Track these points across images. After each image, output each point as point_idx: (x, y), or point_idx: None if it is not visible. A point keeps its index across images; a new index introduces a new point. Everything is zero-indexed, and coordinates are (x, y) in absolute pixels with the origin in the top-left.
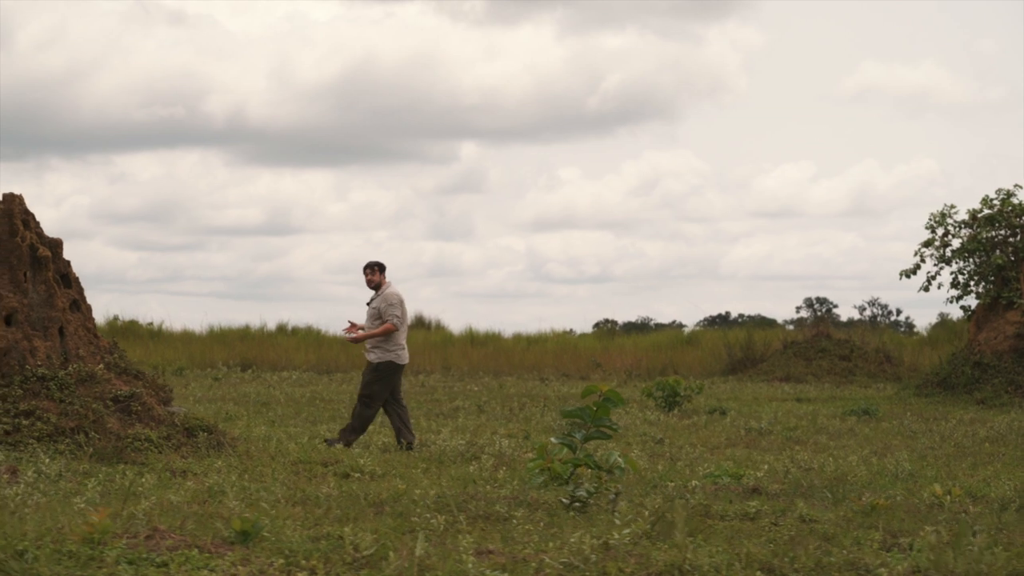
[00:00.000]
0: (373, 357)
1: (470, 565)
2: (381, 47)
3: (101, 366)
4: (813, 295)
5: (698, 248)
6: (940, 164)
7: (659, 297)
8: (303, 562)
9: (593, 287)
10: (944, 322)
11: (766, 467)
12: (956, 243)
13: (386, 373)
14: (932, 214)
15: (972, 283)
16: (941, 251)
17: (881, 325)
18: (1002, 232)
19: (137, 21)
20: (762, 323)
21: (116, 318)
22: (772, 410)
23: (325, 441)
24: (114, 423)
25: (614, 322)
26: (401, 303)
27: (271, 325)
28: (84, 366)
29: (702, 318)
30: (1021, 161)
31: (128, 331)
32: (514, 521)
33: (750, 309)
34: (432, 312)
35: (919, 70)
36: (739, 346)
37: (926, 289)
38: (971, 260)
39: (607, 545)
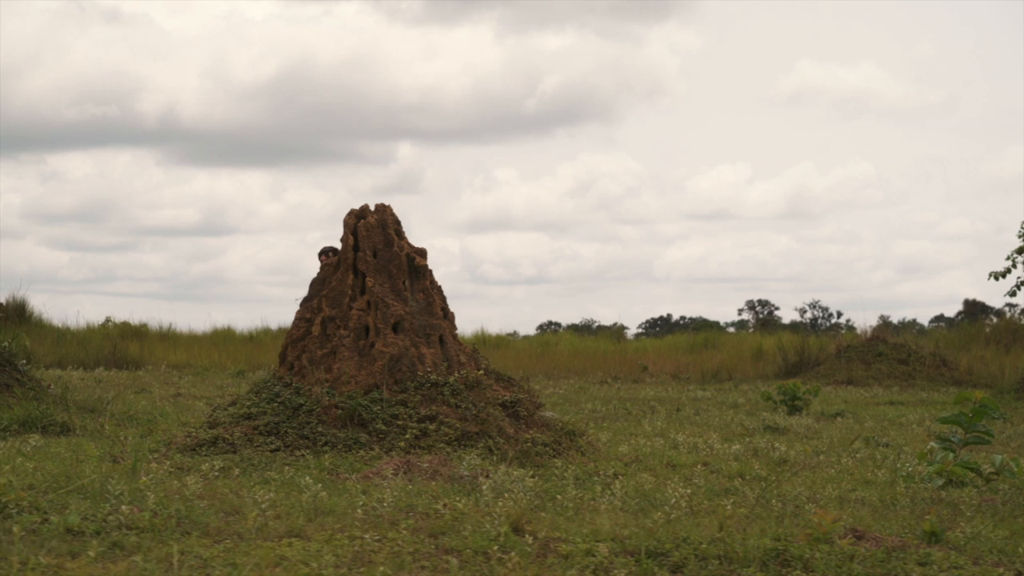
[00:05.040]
0: None
1: None
2: (318, 46)
3: (481, 372)
4: (749, 297)
5: (633, 250)
6: (876, 167)
7: (596, 299)
8: None
9: (529, 288)
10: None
11: None
12: None
13: None
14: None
15: None
16: None
17: (822, 327)
18: None
19: (72, 19)
20: (705, 325)
21: (108, 319)
22: (880, 413)
23: None
24: (508, 427)
25: (557, 324)
26: None
27: (273, 327)
28: (469, 372)
29: (644, 320)
30: (957, 165)
31: (133, 333)
32: None
33: (687, 311)
34: None
35: (857, 72)
36: (793, 350)
37: (1013, 294)
38: None
39: None
